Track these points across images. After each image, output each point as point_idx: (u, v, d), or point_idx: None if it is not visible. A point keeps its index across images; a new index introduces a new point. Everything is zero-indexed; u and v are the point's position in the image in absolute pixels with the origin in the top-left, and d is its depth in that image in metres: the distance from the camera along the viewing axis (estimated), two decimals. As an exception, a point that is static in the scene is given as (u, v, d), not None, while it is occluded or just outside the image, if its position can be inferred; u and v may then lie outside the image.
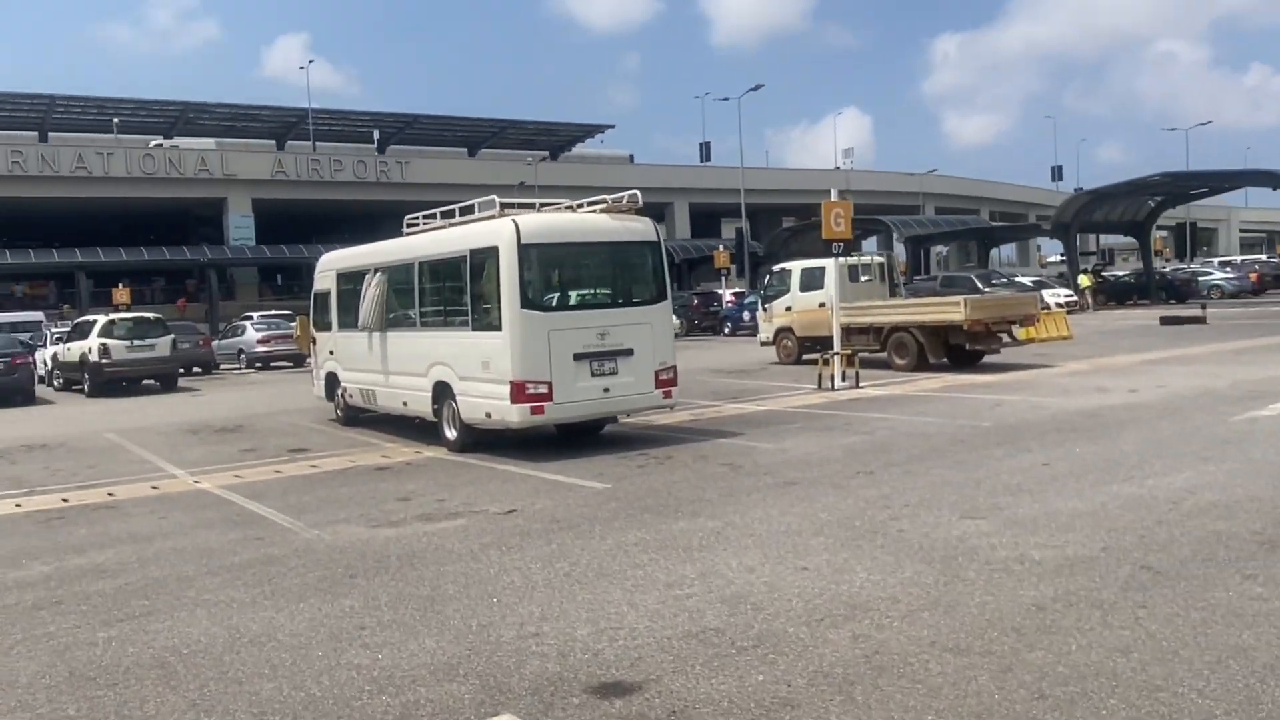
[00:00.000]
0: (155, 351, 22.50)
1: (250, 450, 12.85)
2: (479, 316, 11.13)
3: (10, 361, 20.92)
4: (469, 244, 11.26)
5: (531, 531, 7.40)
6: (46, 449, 13.85)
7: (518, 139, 72.70)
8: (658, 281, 11.62)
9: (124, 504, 9.57)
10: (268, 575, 6.55)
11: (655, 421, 13.26)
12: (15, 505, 9.76)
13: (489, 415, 11.00)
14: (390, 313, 13.10)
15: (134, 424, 16.40)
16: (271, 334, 29.14)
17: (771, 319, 22.96)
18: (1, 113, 55.20)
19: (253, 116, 62.92)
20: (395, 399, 13.10)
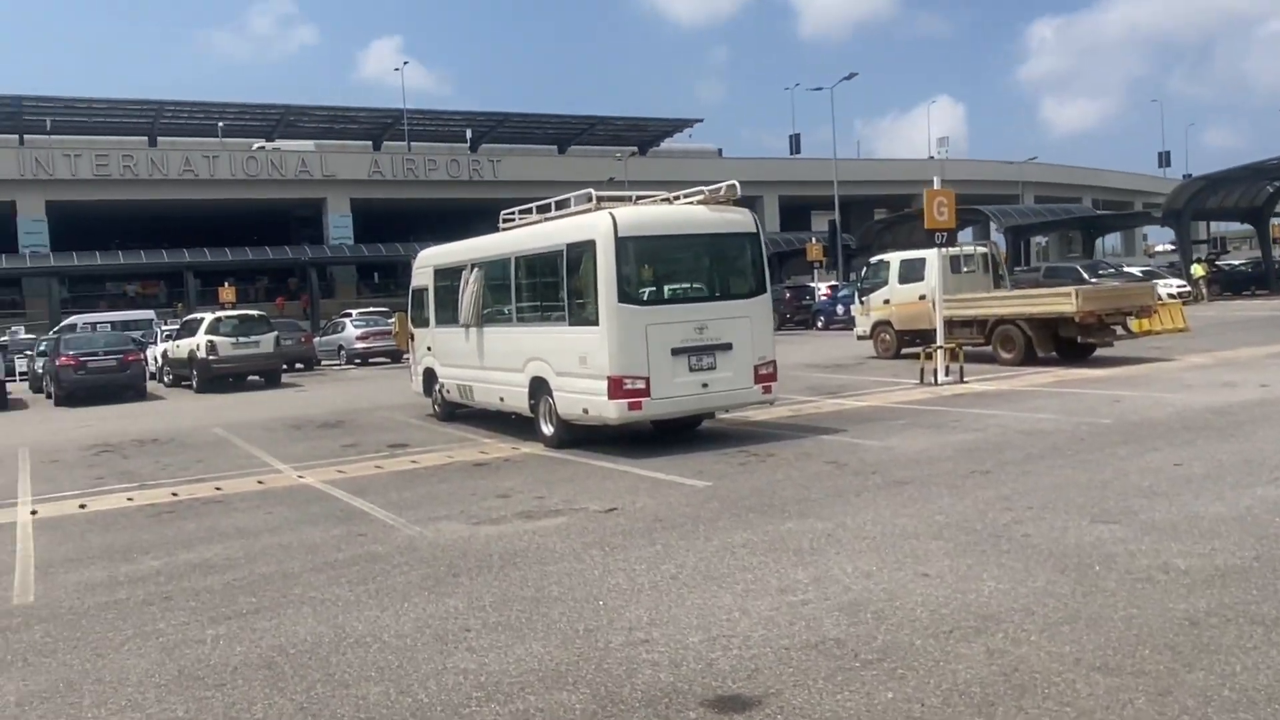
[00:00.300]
0: (259, 348, 23.09)
1: (352, 445, 12.98)
2: (575, 311, 10.99)
3: (123, 358, 21.72)
4: (565, 238, 11.13)
5: (634, 531, 7.21)
6: (157, 443, 14.25)
7: (606, 135, 72.91)
8: (757, 274, 11.31)
9: (231, 499, 9.72)
10: (372, 573, 6.50)
11: (752, 417, 12.95)
12: (128, 499, 10.00)
13: (586, 411, 10.86)
14: (486, 308, 13.07)
15: (240, 419, 16.80)
16: (370, 331, 29.68)
17: (869, 312, 22.37)
18: (113, 118, 57.66)
19: (350, 118, 64.46)
20: (492, 394, 13.08)
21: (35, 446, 14.50)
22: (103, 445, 14.27)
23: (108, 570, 6.99)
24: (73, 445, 14.46)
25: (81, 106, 55.48)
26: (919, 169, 78.72)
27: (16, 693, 4.71)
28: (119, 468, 12.12)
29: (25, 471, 12.21)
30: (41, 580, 6.83)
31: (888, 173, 73.64)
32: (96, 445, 14.29)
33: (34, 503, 10.05)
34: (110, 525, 8.71)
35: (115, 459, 12.90)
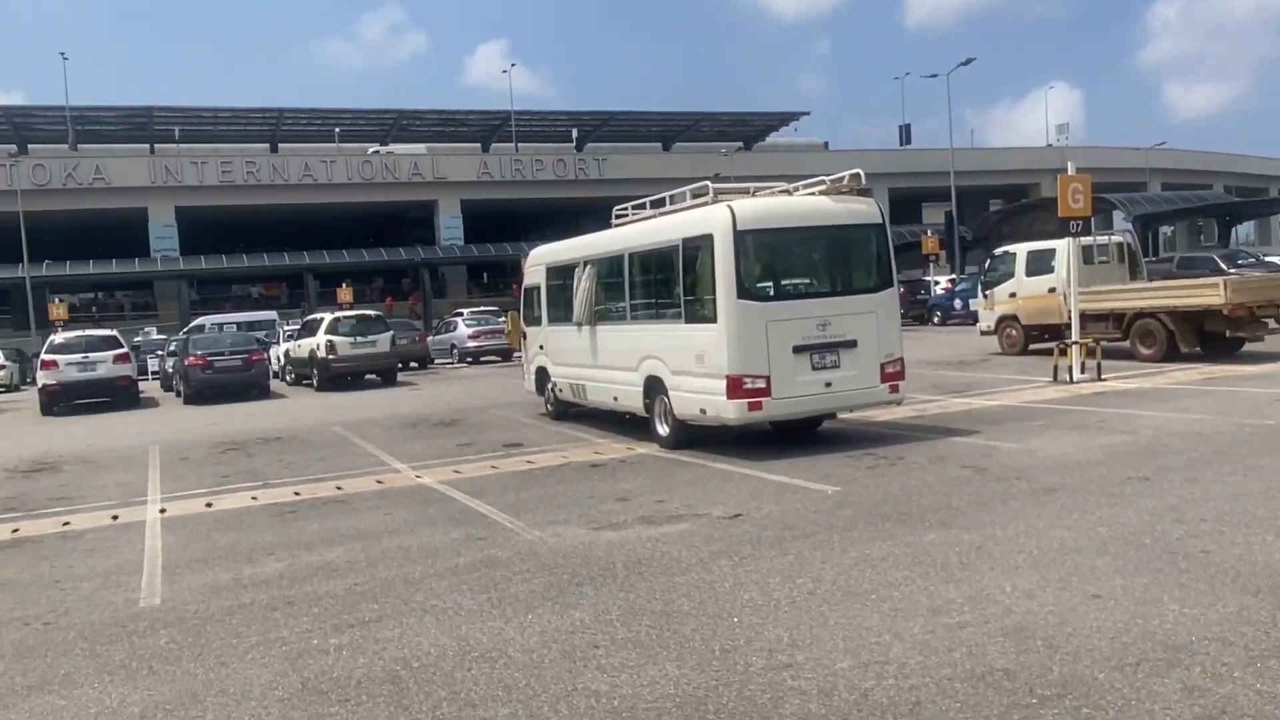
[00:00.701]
0: (376, 347, 23.49)
1: (467, 445, 12.92)
2: (692, 308, 10.64)
3: (248, 358, 22.37)
4: (681, 232, 10.79)
5: (762, 540, 6.81)
6: (280, 441, 14.49)
7: (711, 131, 72.36)
8: (883, 267, 10.76)
9: (351, 498, 9.70)
10: (493, 580, 6.28)
11: (875, 418, 12.39)
12: (252, 498, 10.09)
13: (703, 411, 10.50)
14: (599, 306, 12.85)
15: (358, 417, 17.01)
16: (482, 330, 29.95)
17: (993, 306, 21.37)
18: (236, 127, 59.94)
19: (460, 121, 65.56)
20: (605, 394, 12.85)
21: (165, 444, 14.93)
22: (229, 443, 14.59)
23: (232, 572, 6.97)
24: (200, 443, 14.83)
25: (207, 116, 57.87)
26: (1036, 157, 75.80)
27: (141, 703, 4.62)
28: (244, 466, 12.32)
29: (155, 469, 12.53)
30: (168, 581, 6.84)
31: (1003, 162, 71.10)
32: (223, 443, 14.63)
33: (163, 501, 10.24)
34: (235, 525, 8.77)
35: (241, 457, 13.14)
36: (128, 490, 11.08)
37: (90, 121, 55.77)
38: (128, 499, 10.53)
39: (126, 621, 5.95)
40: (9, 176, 48.13)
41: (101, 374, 21.50)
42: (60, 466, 13.31)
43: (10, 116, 54.22)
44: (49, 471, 12.94)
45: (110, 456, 14.01)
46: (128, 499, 10.53)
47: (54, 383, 21.25)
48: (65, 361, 21.30)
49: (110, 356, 21.72)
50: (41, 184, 49.95)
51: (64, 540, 8.59)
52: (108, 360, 21.63)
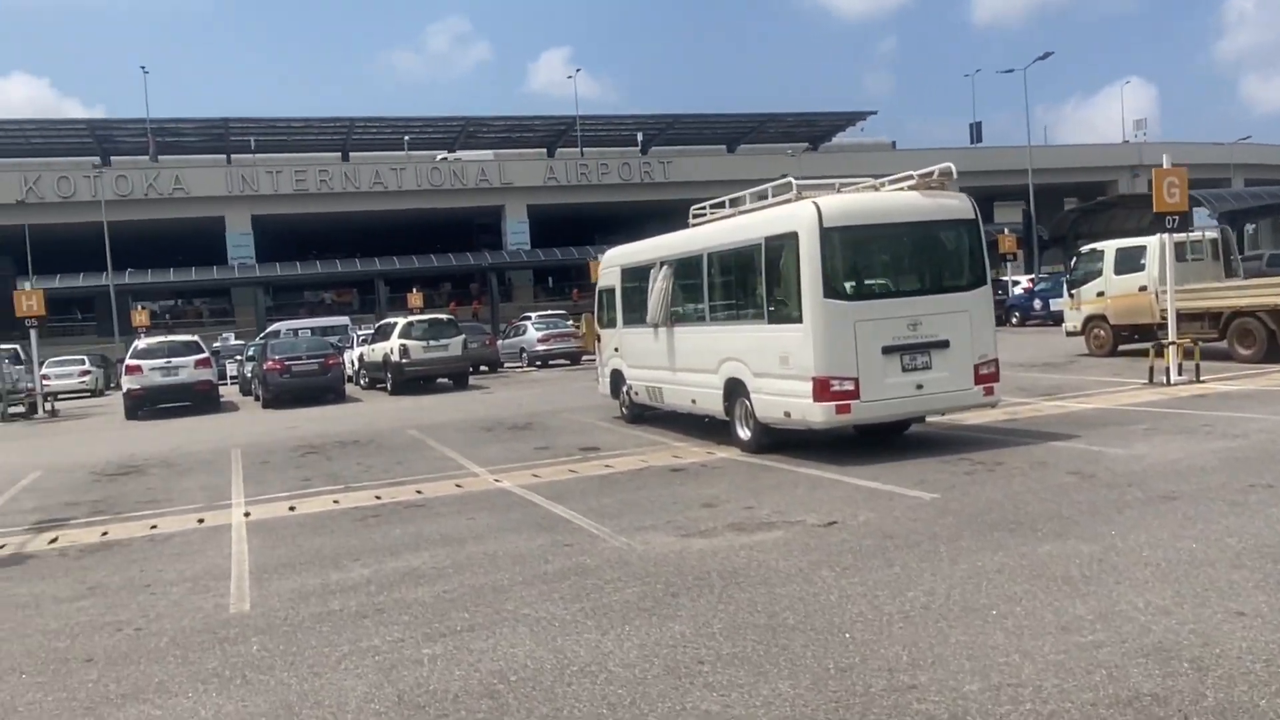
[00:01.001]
0: (449, 351, 23.59)
1: (544, 448, 12.79)
2: (776, 308, 10.35)
3: (324, 362, 22.63)
4: (764, 230, 10.51)
5: (863, 549, 6.51)
6: (358, 445, 14.53)
7: (777, 132, 71.74)
8: (976, 264, 10.35)
9: (432, 502, 9.61)
10: (584, 588, 6.08)
11: (965, 421, 11.95)
12: (334, 502, 10.06)
13: (788, 414, 10.20)
14: (677, 307, 12.62)
15: (432, 421, 17.03)
16: (551, 333, 29.96)
17: (1079, 306, 20.63)
18: (309, 136, 61.06)
19: (526, 127, 65.94)
20: (683, 397, 12.61)
21: (246, 448, 15.09)
22: (308, 447, 14.68)
23: (320, 578, 6.88)
24: (280, 446, 14.95)
25: (281, 126, 59.04)
26: (1112, 154, 73.59)
27: (236, 714, 4.50)
28: (324, 469, 12.34)
29: (238, 473, 12.62)
30: (256, 586, 6.78)
31: (1078, 159, 69.28)
32: (302, 447, 14.72)
33: (247, 504, 10.26)
34: (319, 529, 8.72)
35: (320, 460, 13.19)
36: (212, 493, 11.16)
37: (170, 133, 57.29)
38: (212, 502, 10.59)
39: (217, 628, 5.87)
40: (93, 188, 49.70)
41: (183, 379, 21.93)
42: (146, 470, 13.50)
43: (94, 129, 56.01)
44: (135, 475, 13.13)
45: (194, 460, 14.19)
46: (212, 502, 10.59)
47: (138, 387, 21.72)
48: (149, 366, 21.76)
49: (192, 361, 22.15)
50: (124, 195, 51.49)
51: (152, 543, 8.63)
52: (189, 365, 22.05)
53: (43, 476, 13.56)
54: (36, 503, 11.37)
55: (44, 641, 5.87)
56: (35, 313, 25.04)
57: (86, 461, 14.84)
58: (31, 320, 25.24)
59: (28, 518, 10.45)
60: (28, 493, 12.21)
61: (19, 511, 10.87)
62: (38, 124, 57.32)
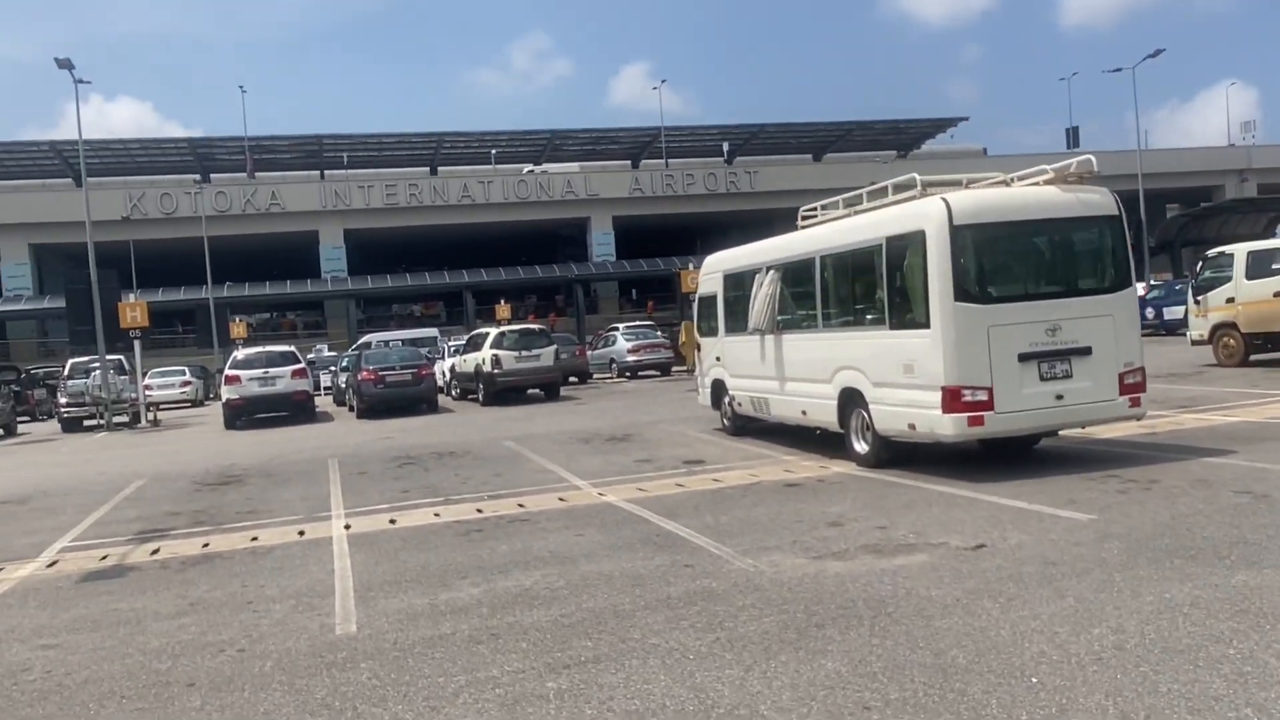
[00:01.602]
0: (540, 361, 23.31)
1: (645, 461, 12.31)
2: (899, 313, 9.68)
3: (417, 372, 22.57)
4: (885, 230, 9.86)
5: (1024, 577, 5.83)
6: (454, 456, 14.25)
7: (864, 140, 70.48)
8: (1120, 264, 9.53)
9: (536, 517, 9.18)
10: (715, 616, 5.54)
11: (1097, 434, 11.07)
12: (435, 514, 9.72)
13: (912, 427, 9.52)
14: (786, 314, 12.03)
15: (527, 432, 16.70)
16: (641, 343, 29.54)
17: (1206, 313, 19.33)
18: (400, 151, 62.03)
19: (611, 139, 65.94)
20: (792, 408, 11.99)
21: (343, 458, 14.95)
22: (404, 457, 14.47)
23: (428, 597, 6.48)
24: (377, 457, 14.77)
25: (373, 142, 60.11)
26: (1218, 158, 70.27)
27: (352, 754, 4.08)
28: (422, 481, 12.06)
29: (336, 483, 12.43)
30: (362, 606, 6.41)
31: (1181, 164, 66.32)
32: (399, 457, 14.51)
33: (346, 516, 10.00)
34: (422, 543, 8.36)
35: (417, 471, 12.92)
36: (311, 504, 10.94)
37: (266, 150, 58.82)
38: (312, 513, 10.36)
39: (324, 651, 5.50)
40: (194, 204, 51.21)
41: (281, 389, 22.10)
42: (245, 480, 13.42)
43: (195, 148, 57.80)
44: (234, 485, 13.05)
45: (292, 470, 14.08)
46: (312, 513, 10.36)
47: (237, 397, 21.96)
48: (247, 377, 21.99)
49: (289, 372, 22.32)
50: (223, 210, 52.98)
51: (253, 556, 8.37)
52: (286, 375, 22.22)
53: (145, 485, 13.59)
54: (139, 512, 11.32)
55: (145, 662, 5.57)
56: (139, 324, 25.65)
57: (188, 471, 14.88)
58: (135, 331, 25.87)
59: (130, 527, 10.36)
60: (131, 501, 12.20)
61: (122, 521, 10.80)
62: (142, 143, 59.38)
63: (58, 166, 55.44)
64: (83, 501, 12.44)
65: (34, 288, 53.04)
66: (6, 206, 52.72)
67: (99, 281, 25.58)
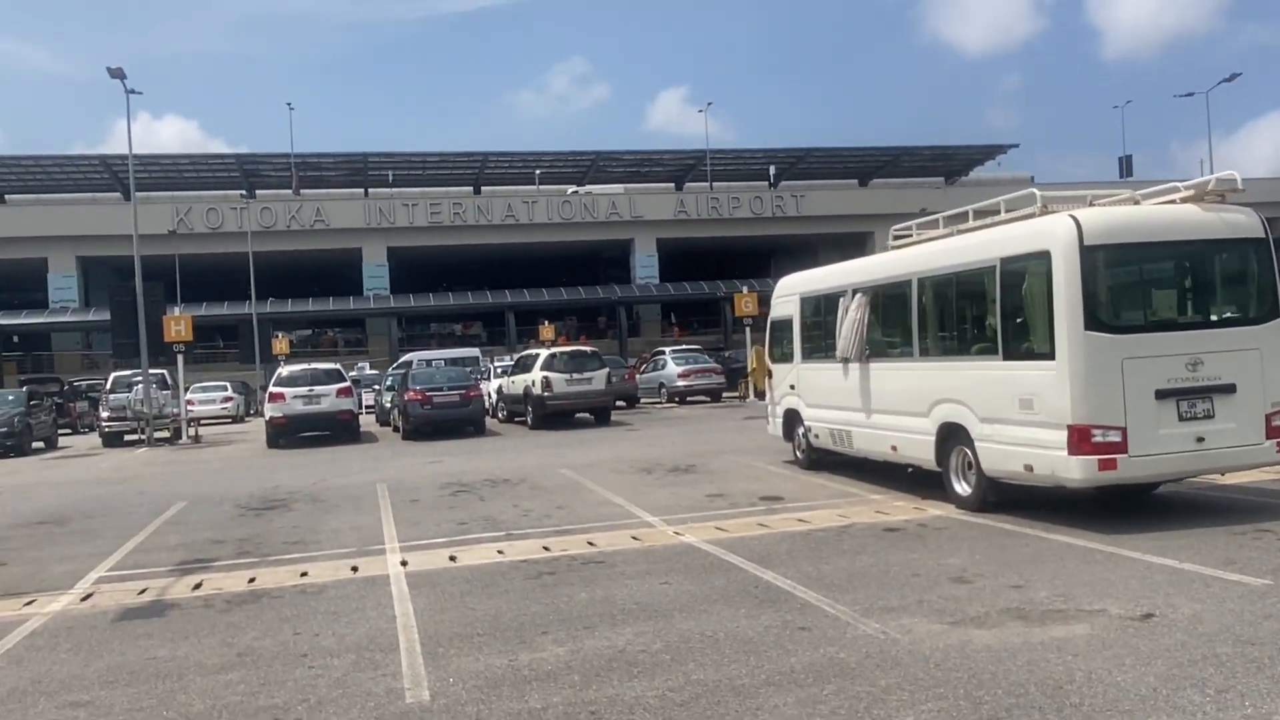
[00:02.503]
0: (592, 385, 22.50)
1: (718, 496, 11.44)
2: (1016, 342, 8.77)
3: (465, 393, 21.84)
4: (1001, 250, 8.95)
5: (1222, 659, 4.89)
6: (509, 484, 13.47)
7: (910, 166, 69.37)
8: (1267, 293, 8.55)
9: (611, 558, 8.34)
10: (858, 699, 4.65)
11: (1217, 480, 10.06)
12: (498, 552, 8.91)
13: (1029, 468, 8.57)
14: (874, 340, 11.14)
15: (583, 459, 15.89)
16: (692, 368, 28.70)
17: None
18: (443, 170, 61.83)
19: (655, 161, 65.38)
20: (879, 442, 11.08)
21: (392, 483, 14.22)
22: (457, 484, 13.70)
23: (506, 656, 5.65)
24: (427, 483, 14.02)
25: (417, 160, 59.94)
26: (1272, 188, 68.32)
27: None
28: (479, 511, 11.27)
29: (387, 511, 11.68)
30: (432, 665, 5.59)
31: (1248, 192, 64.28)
32: (450, 484, 13.75)
33: (402, 550, 9.22)
34: (489, 586, 7.55)
35: (472, 500, 12.14)
36: (363, 535, 10.18)
37: (311, 168, 58.83)
38: (365, 546, 9.60)
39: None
40: (239, 219, 51.25)
41: (325, 407, 21.47)
42: (291, 505, 12.71)
43: (241, 164, 57.94)
44: (280, 509, 12.35)
45: (339, 495, 13.36)
46: (365, 546, 9.60)
47: (280, 415, 21.35)
48: (292, 394, 21.39)
49: (334, 390, 21.68)
50: (268, 226, 52.94)
51: (304, 596, 7.60)
52: (331, 394, 21.59)
53: (188, 508, 12.93)
54: (180, 538, 10.62)
55: (189, 731, 4.79)
56: (183, 338, 25.23)
57: (230, 493, 14.22)
58: (179, 345, 25.45)
59: (171, 556, 9.66)
60: (172, 526, 11.53)
61: (163, 548, 10.11)
62: (190, 158, 59.69)
63: (106, 180, 55.77)
64: (122, 525, 11.79)
65: (80, 300, 53.26)
66: (55, 219, 53.07)
67: (144, 294, 25.21)
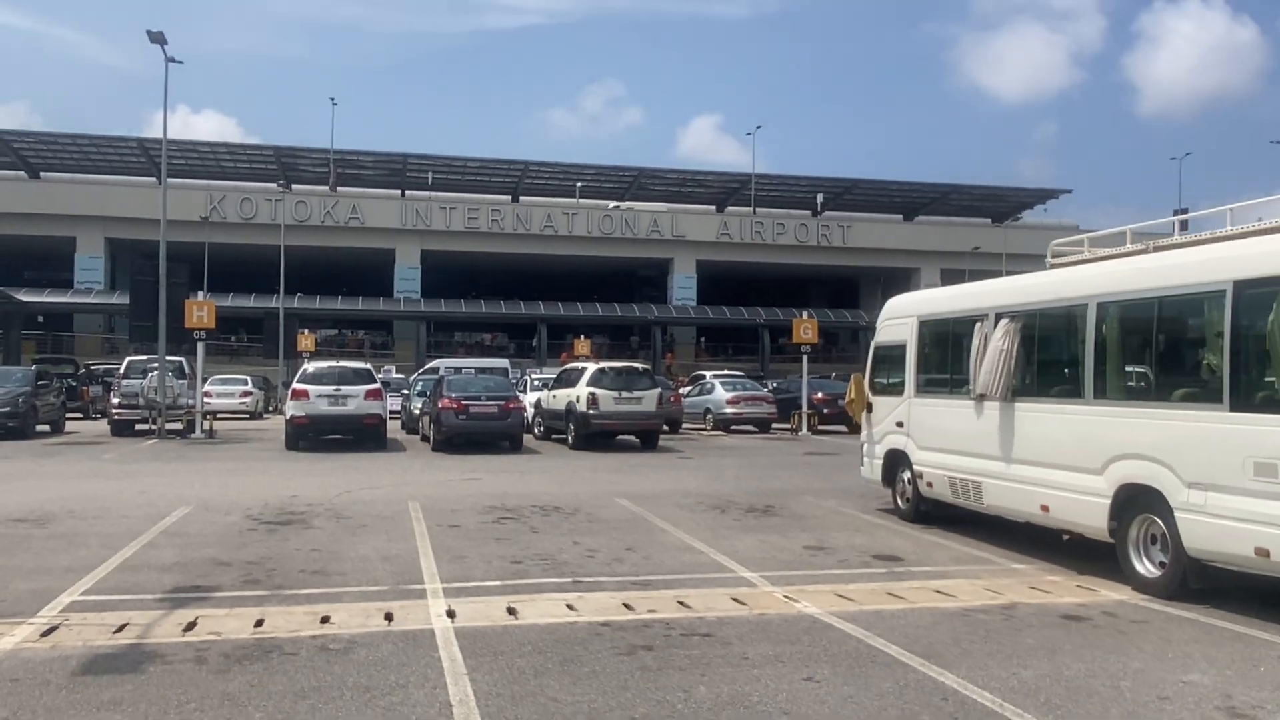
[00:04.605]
0: (642, 405, 20.54)
1: (818, 549, 9.54)
2: (1251, 387, 6.86)
3: (504, 405, 19.97)
4: (1236, 271, 7.04)
5: None
6: (561, 513, 11.61)
7: (958, 205, 67.51)
8: None
9: (717, 628, 6.47)
10: None
11: None
12: (568, 607, 7.06)
13: (1263, 553, 6.64)
14: (1028, 376, 9.26)
15: (641, 489, 14.01)
16: (742, 395, 26.75)
17: None
18: (482, 176, 60.41)
19: (698, 181, 63.80)
20: (1024, 499, 9.16)
21: (425, 501, 12.40)
22: (501, 508, 11.87)
23: (630, 803, 3.79)
24: (467, 505, 12.18)
25: (457, 164, 58.58)
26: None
27: None
28: (532, 546, 9.42)
29: (424, 537, 9.86)
30: (520, 806, 3.74)
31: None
32: (494, 508, 11.91)
33: (446, 596, 7.38)
34: (570, 662, 5.70)
35: (523, 532, 10.29)
36: (396, 568, 8.36)
37: (350, 165, 57.57)
38: (399, 584, 7.78)
39: None
40: (273, 211, 49.99)
41: (351, 409, 19.65)
42: (310, 520, 10.91)
43: (279, 156, 56.72)
44: (298, 526, 10.55)
45: (366, 512, 11.54)
46: (399, 584, 7.78)
47: (302, 415, 19.56)
48: (316, 393, 19.58)
49: (362, 391, 19.86)
50: (302, 220, 51.71)
51: (325, 656, 5.78)
52: (359, 395, 19.78)
53: (190, 515, 11.16)
54: (178, 555, 8.83)
55: None
56: (204, 324, 23.61)
57: (241, 500, 12.44)
58: (200, 332, 23.83)
59: (163, 579, 7.87)
60: (170, 538, 9.74)
61: (155, 567, 8.32)
62: (227, 146, 58.51)
63: (142, 164, 54.63)
64: (112, 531, 10.02)
65: (105, 282, 52.05)
66: (87, 197, 52.02)
67: (167, 275, 23.61)
